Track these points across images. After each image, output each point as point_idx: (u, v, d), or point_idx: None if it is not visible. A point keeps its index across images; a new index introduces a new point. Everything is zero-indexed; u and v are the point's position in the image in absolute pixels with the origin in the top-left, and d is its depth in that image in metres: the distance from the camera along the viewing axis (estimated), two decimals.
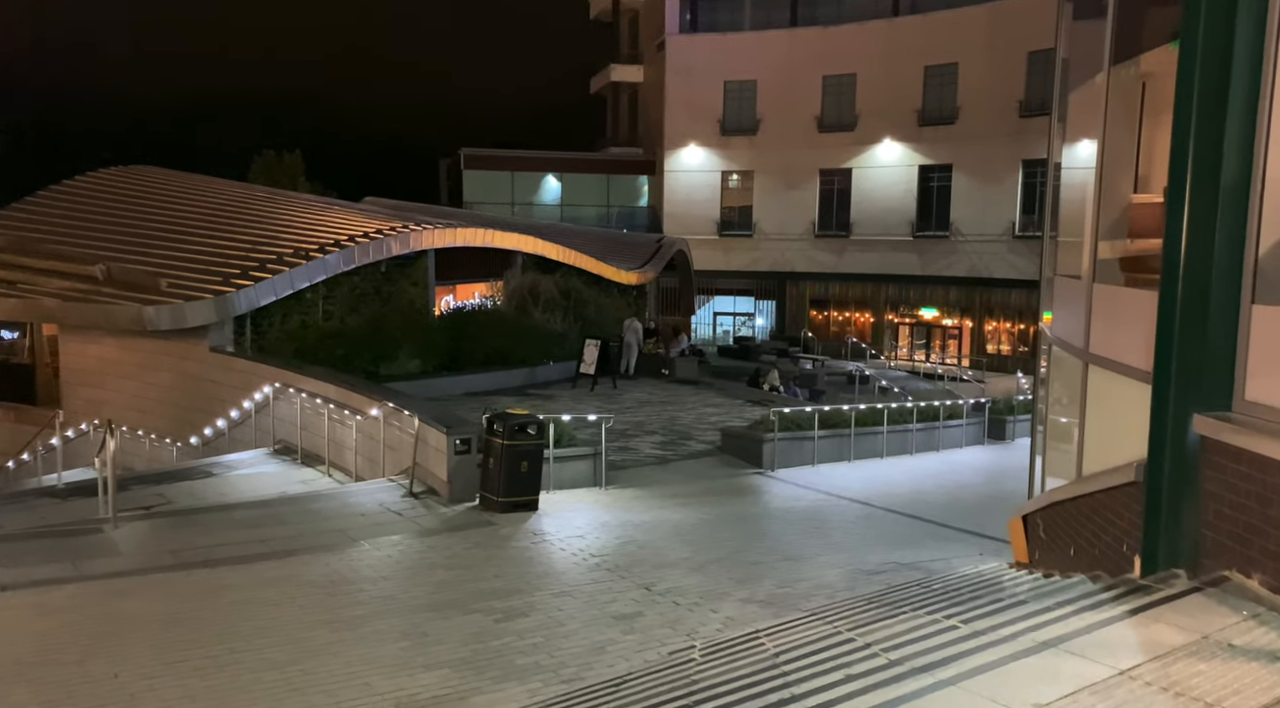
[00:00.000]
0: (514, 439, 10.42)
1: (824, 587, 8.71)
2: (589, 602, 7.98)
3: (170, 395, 18.73)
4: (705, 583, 8.64)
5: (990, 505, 13.41)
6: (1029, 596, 5.33)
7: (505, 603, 7.86)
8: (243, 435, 16.65)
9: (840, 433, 15.71)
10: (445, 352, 20.66)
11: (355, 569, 8.58)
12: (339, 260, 19.67)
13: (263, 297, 18.38)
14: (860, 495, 13.16)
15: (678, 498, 12.05)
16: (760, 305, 47.37)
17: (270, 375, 15.96)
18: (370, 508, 10.58)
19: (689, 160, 46.01)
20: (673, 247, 36.28)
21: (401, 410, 11.79)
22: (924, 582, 7.85)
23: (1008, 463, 17.78)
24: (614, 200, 48.54)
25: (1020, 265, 39.98)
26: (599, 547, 9.61)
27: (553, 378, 21.86)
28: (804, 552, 9.92)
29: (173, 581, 7.98)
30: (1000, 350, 41.41)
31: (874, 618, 6.21)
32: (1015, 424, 20.39)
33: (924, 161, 42.52)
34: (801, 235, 45.03)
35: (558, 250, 26.51)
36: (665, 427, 16.95)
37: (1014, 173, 40.10)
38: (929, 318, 43.64)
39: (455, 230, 22.91)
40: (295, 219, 22.18)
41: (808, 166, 44.49)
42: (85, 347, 19.86)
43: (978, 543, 10.91)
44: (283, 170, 45.11)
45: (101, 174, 25.21)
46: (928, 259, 42.59)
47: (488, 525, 10.15)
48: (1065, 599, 4.67)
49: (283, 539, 9.26)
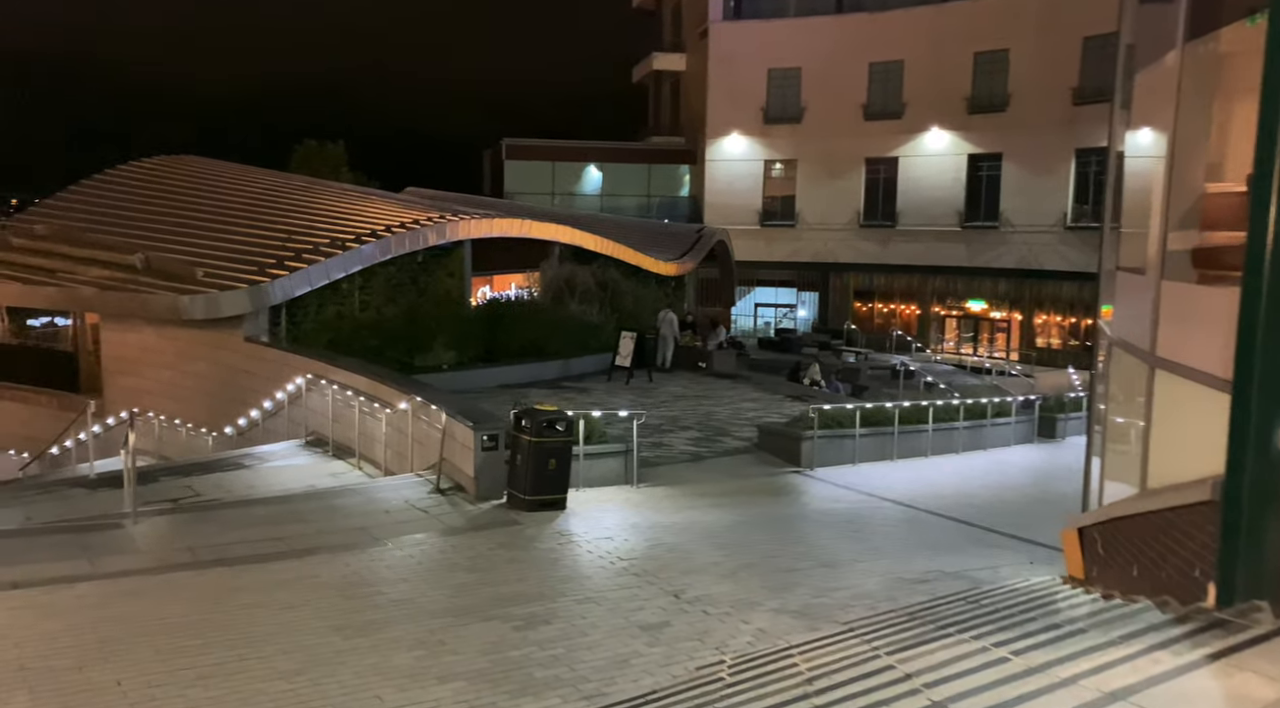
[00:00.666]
0: (542, 436, 10.09)
1: (863, 597, 8.26)
2: (614, 609, 7.62)
3: (206, 385, 18.73)
4: (736, 591, 8.24)
5: (1040, 509, 12.83)
6: (1089, 623, 4.86)
7: (526, 609, 7.53)
8: (276, 426, 16.56)
9: (883, 431, 15.18)
10: (480, 343, 20.44)
11: (374, 570, 8.31)
12: (375, 251, 19.51)
13: (297, 287, 18.27)
14: (903, 497, 12.65)
15: (711, 498, 11.65)
16: (802, 297, 46.63)
17: (302, 366, 15.83)
18: (395, 505, 10.33)
19: (731, 149, 45.36)
20: (713, 237, 35.76)
21: (429, 404, 11.52)
22: (971, 596, 7.37)
23: (1058, 463, 17.10)
24: (655, 190, 48.07)
25: (1072, 257, 38.83)
26: (627, 549, 9.25)
27: (588, 370, 21.54)
28: (842, 557, 9.48)
29: (186, 580, 7.78)
30: (1050, 344, 40.30)
31: (916, 639, 5.77)
32: (1067, 422, 19.67)
33: (973, 150, 41.44)
34: (845, 225, 44.19)
35: (595, 241, 26.16)
36: (700, 422, 16.54)
37: (1067, 162, 38.91)
38: (976, 310, 42.61)
39: (492, 221, 22.66)
40: (332, 209, 22.08)
41: (853, 155, 43.61)
42: (125, 335, 19.95)
43: (1027, 550, 10.37)
44: (324, 160, 45.22)
45: (143, 163, 25.37)
46: (976, 250, 41.56)
47: (513, 525, 9.84)
48: (1132, 632, 4.20)
49: (302, 537, 9.03)
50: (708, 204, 45.32)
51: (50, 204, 23.13)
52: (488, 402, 17.42)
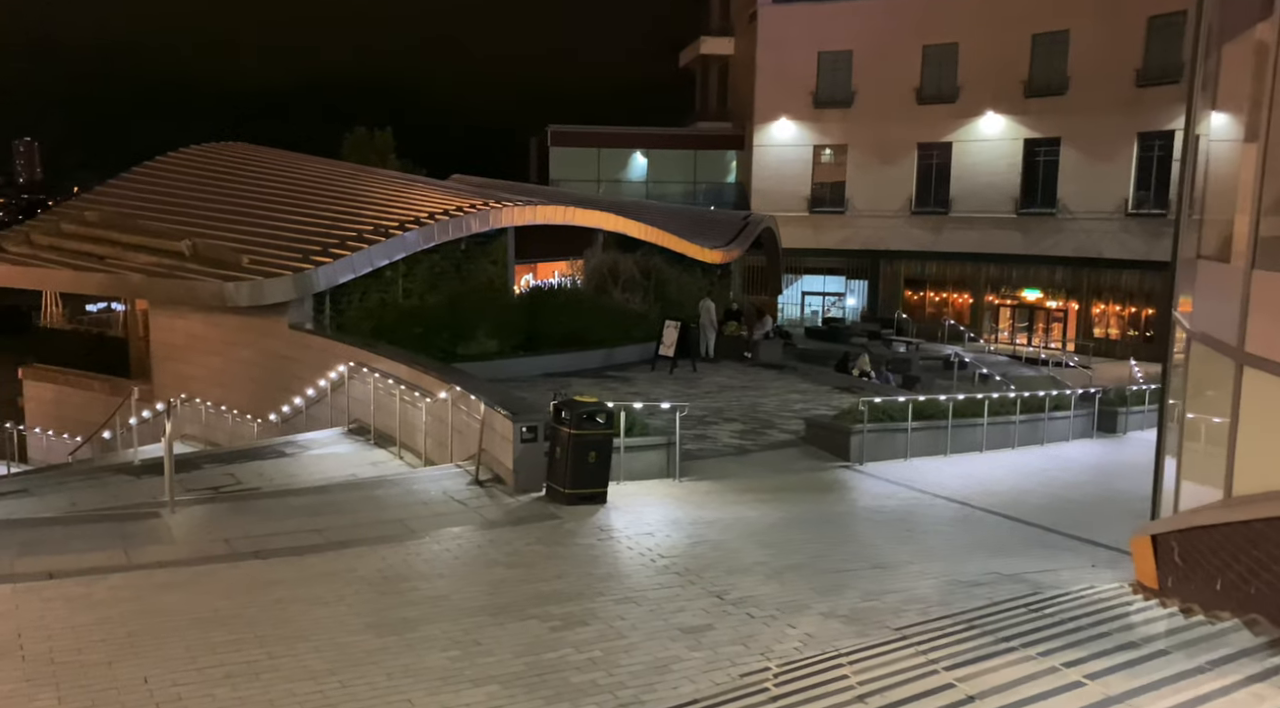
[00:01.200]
0: (582, 429, 9.83)
1: (916, 601, 7.88)
2: (654, 610, 7.34)
3: (252, 372, 18.81)
4: (782, 592, 7.91)
5: (1102, 508, 12.30)
6: (1169, 643, 4.46)
7: (564, 608, 7.28)
8: (319, 414, 16.55)
9: (936, 425, 14.68)
10: (523, 332, 20.26)
11: (410, 565, 8.13)
12: (418, 238, 19.41)
13: (341, 274, 18.23)
14: (957, 494, 12.18)
15: (755, 493, 11.31)
16: (851, 285, 45.82)
17: (345, 354, 15.77)
18: (433, 496, 10.15)
19: (779, 135, 44.64)
20: (760, 224, 35.20)
21: (468, 394, 11.33)
22: (1033, 604, 6.95)
23: (1119, 459, 16.47)
24: (701, 177, 47.54)
25: (1133, 245, 37.61)
26: (668, 547, 8.96)
27: (631, 360, 21.25)
28: (894, 558, 9.09)
29: (221, 573, 7.66)
30: (1109, 335, 39.13)
31: (976, 653, 5.40)
32: (1128, 416, 18.94)
33: (1030, 135, 40.28)
34: (897, 212, 43.29)
35: (639, 228, 25.83)
36: (745, 414, 16.17)
37: (1128, 146, 37.63)
38: (1032, 300, 41.52)
39: (535, 208, 22.44)
40: (377, 196, 22.04)
41: (905, 140, 42.64)
42: (174, 322, 20.14)
43: (1089, 552, 9.88)
44: (373, 148, 45.41)
45: (192, 150, 25.59)
46: (1032, 238, 40.44)
47: (552, 519, 9.61)
48: (1223, 658, 3.80)
49: (340, 530, 8.88)
50: (755, 191, 44.69)
51: (102, 191, 23.43)
52: (529, 391, 17.25)
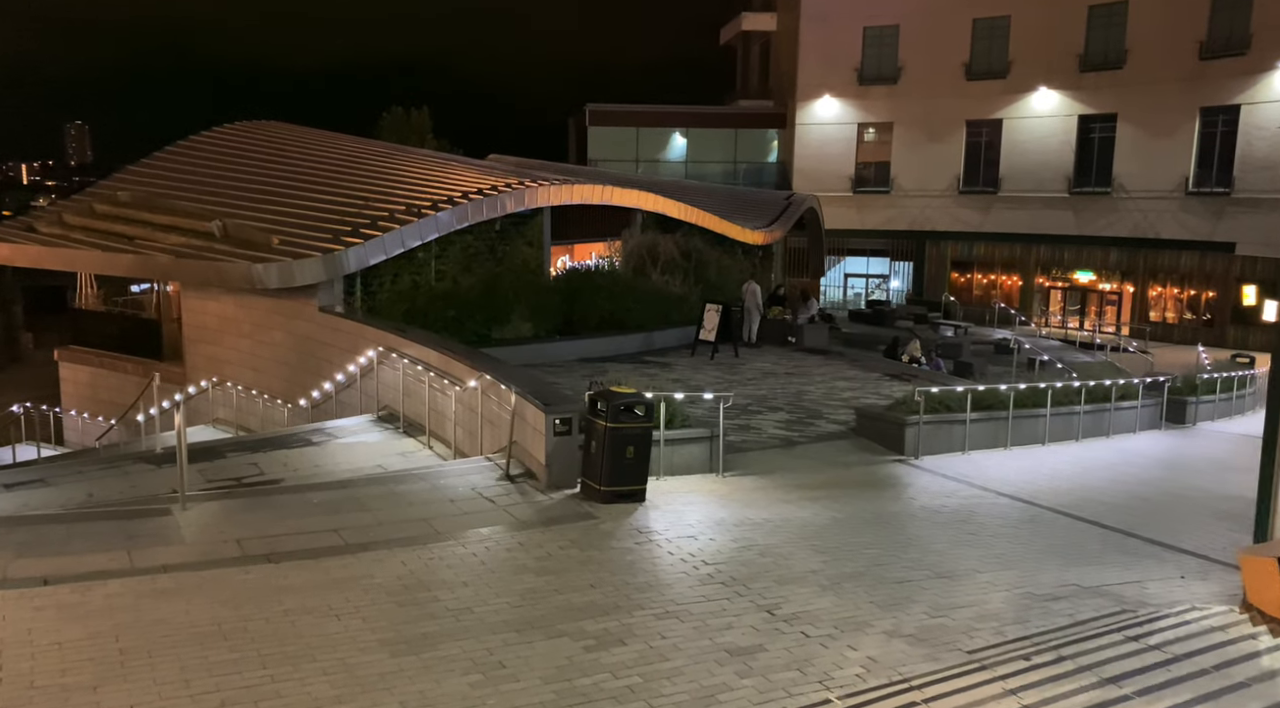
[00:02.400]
0: (619, 422, 9.13)
1: (988, 618, 7.10)
2: (699, 628, 6.64)
3: (282, 355, 18.38)
4: (840, 607, 7.17)
5: (1179, 508, 11.39)
6: None
7: (599, 624, 6.61)
8: (349, 399, 16.05)
9: (995, 416, 13.78)
10: (559, 315, 19.61)
11: (433, 571, 7.50)
12: (451, 218, 18.79)
13: (372, 255, 17.68)
14: (1021, 491, 11.33)
15: (805, 490, 10.54)
16: (896, 267, 44.66)
17: (375, 338, 15.22)
18: (461, 493, 9.53)
19: (822, 112, 43.48)
20: (803, 204, 34.18)
21: (499, 383, 10.67)
22: (1128, 627, 6.15)
23: (1192, 452, 15.47)
24: (741, 156, 46.53)
25: (1193, 225, 36.10)
26: (713, 551, 8.25)
27: (670, 344, 20.51)
28: (959, 566, 8.30)
29: (229, 579, 7.08)
30: (1165, 319, 37.65)
31: (1071, 692, 4.63)
32: (1198, 406, 17.88)
33: (1084, 111, 38.81)
34: (944, 192, 42.03)
35: (679, 208, 25.01)
36: (791, 403, 15.37)
37: (1190, 122, 36.05)
38: (1084, 282, 40.12)
39: (572, 187, 21.72)
40: (410, 175, 21.47)
41: (953, 117, 41.33)
42: (205, 303, 19.78)
43: (1174, 560, 9.00)
44: (410, 127, 45.05)
45: (225, 130, 25.21)
46: (1085, 218, 39.02)
47: (587, 519, 8.93)
48: None
49: (360, 530, 8.29)
50: (796, 170, 43.61)
51: (134, 170, 23.12)
52: (565, 377, 16.63)
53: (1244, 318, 34.96)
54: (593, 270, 22.64)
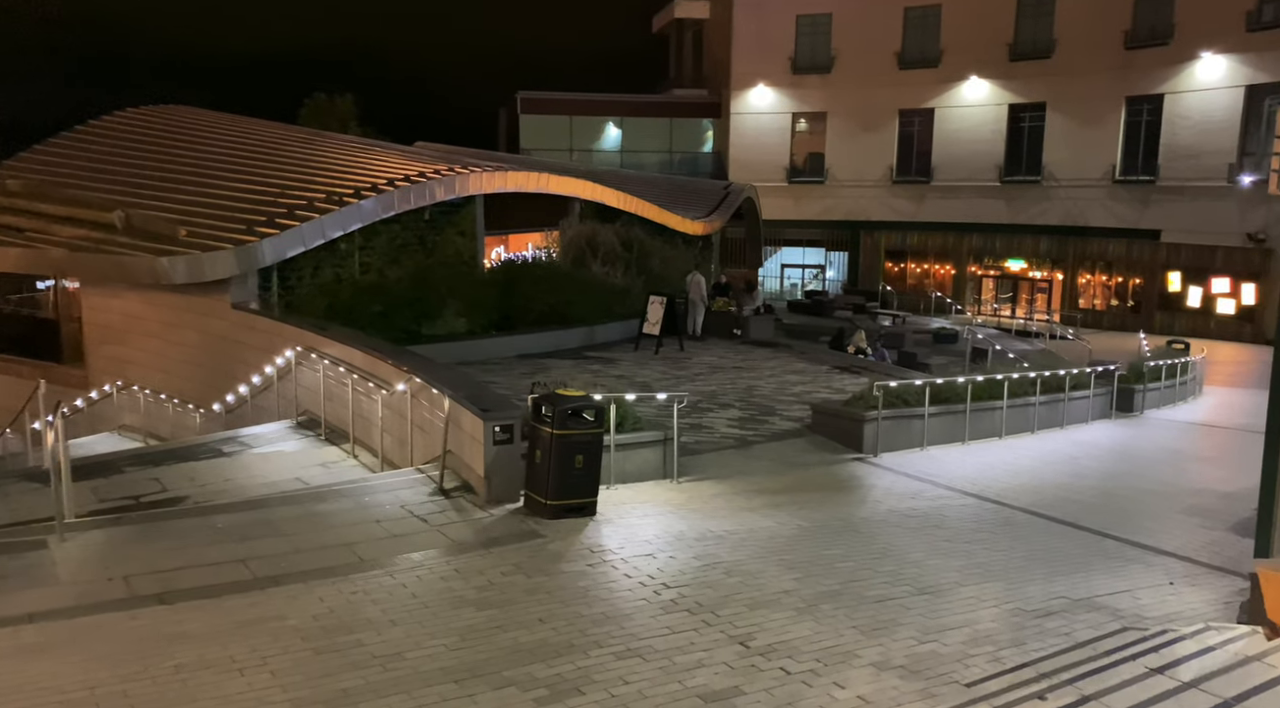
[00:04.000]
0: (567, 428, 8.25)
1: (982, 641, 6.42)
2: (666, 668, 5.81)
3: (194, 356, 17.02)
4: (820, 634, 6.42)
5: (1149, 504, 10.96)
6: None
7: (551, 669, 5.73)
8: (266, 404, 14.84)
9: (953, 409, 13.26)
10: (496, 309, 18.56)
11: (357, 608, 6.52)
12: (376, 207, 17.60)
13: (290, 247, 16.42)
14: (989, 491, 10.77)
15: (767, 496, 9.80)
16: (831, 257, 44.53)
17: (293, 337, 14.03)
18: (389, 511, 8.53)
19: (757, 102, 43.02)
20: (741, 194, 33.61)
21: (430, 386, 9.68)
22: (1143, 654, 5.51)
23: (1146, 443, 15.20)
24: (677, 146, 45.85)
25: (1121, 213, 36.58)
26: (674, 571, 7.43)
27: (613, 339, 19.63)
28: (941, 580, 7.63)
29: (111, 627, 6.01)
30: (1094, 306, 38.13)
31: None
32: (1145, 395, 17.70)
33: (1014, 100, 39.06)
34: (878, 182, 41.95)
35: (617, 197, 24.13)
36: (743, 399, 14.65)
37: (1116, 111, 36.51)
38: (1016, 270, 40.45)
39: (506, 174, 20.67)
40: (331, 161, 20.16)
41: (886, 107, 41.24)
42: (108, 301, 18.27)
43: (1159, 564, 8.49)
44: (333, 115, 43.14)
45: (129, 113, 23.47)
46: (1016, 206, 39.31)
47: (533, 538, 8.03)
48: None
49: (272, 559, 7.25)
50: (732, 160, 43.09)
51: (28, 157, 21.30)
52: (503, 376, 15.64)
53: (1170, 304, 35.55)
54: (530, 262, 21.61)
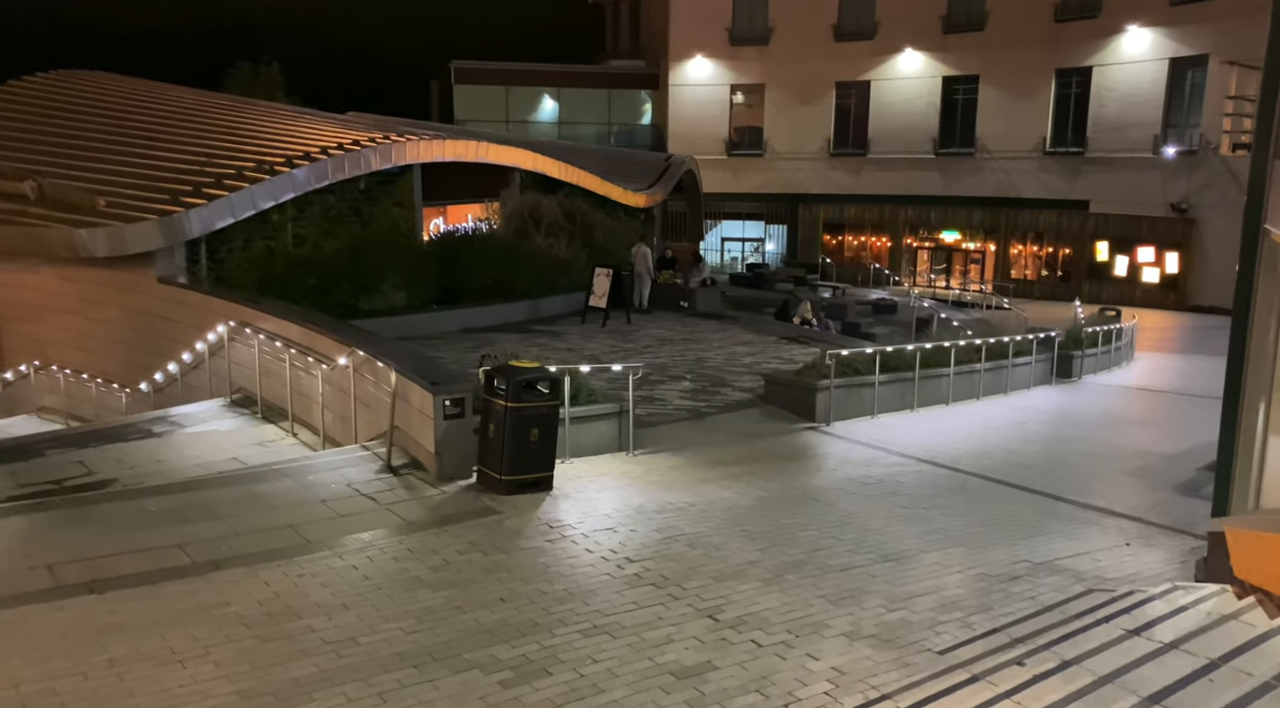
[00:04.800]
0: (521, 401, 7.95)
1: (951, 607, 6.36)
2: (635, 645, 5.61)
3: (118, 334, 16.21)
4: (788, 605, 6.28)
5: (1096, 467, 11.10)
6: None
7: (515, 649, 5.48)
8: (198, 382, 14.20)
9: (902, 377, 13.28)
10: (437, 282, 18.05)
11: (305, 592, 6.18)
12: (309, 176, 16.91)
13: (218, 218, 15.68)
14: (941, 457, 10.79)
15: (724, 467, 9.65)
16: (770, 230, 44.61)
17: (225, 311, 13.42)
18: (335, 490, 8.15)
19: (695, 73, 42.70)
20: (682, 166, 33.34)
21: (375, 360, 9.28)
22: (1116, 615, 5.47)
23: (1087, 407, 15.48)
24: (615, 118, 45.35)
25: (1052, 184, 37.28)
26: (636, 545, 7.22)
27: (559, 312, 19.27)
28: (904, 547, 7.56)
29: (36, 620, 5.58)
30: (1025, 276, 38.89)
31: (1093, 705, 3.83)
32: (1083, 360, 18.04)
33: (948, 72, 39.42)
34: (816, 154, 42.06)
35: (559, 167, 23.67)
36: (693, 370, 14.49)
37: (1047, 84, 37.10)
38: (950, 241, 41.04)
39: (444, 143, 20.07)
40: (260, 129, 19.32)
41: (823, 79, 41.28)
42: (22, 276, 17.26)
43: (1113, 525, 8.56)
44: (259, 85, 41.57)
45: (39, 79, 22.19)
46: (951, 178, 39.80)
47: (489, 514, 7.74)
48: None
49: (211, 543, 6.85)
50: (672, 132, 42.76)
51: None
52: (448, 350, 15.22)
53: (1098, 273, 36.41)
54: (472, 234, 21.07)
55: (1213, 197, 32.27)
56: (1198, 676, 4.02)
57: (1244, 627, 4.62)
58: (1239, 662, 4.10)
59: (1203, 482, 10.46)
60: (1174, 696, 3.87)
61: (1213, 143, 31.86)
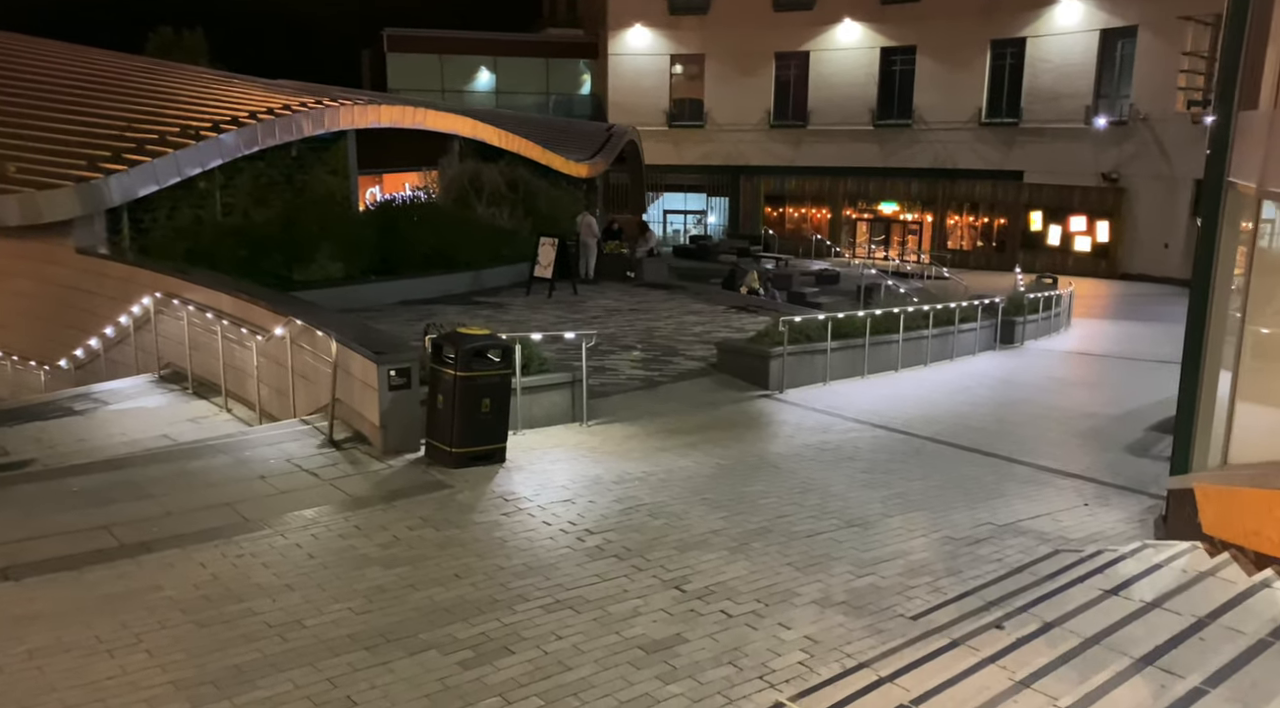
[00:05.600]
0: (472, 370, 7.60)
1: (919, 571, 6.24)
2: (600, 619, 5.36)
3: (34, 308, 15.35)
4: (756, 573, 6.09)
5: (1046, 429, 11.15)
6: None
7: (474, 628, 5.19)
8: (123, 357, 13.50)
9: (852, 344, 13.19)
10: (374, 252, 17.42)
11: (245, 573, 5.79)
12: (237, 141, 16.14)
13: (141, 185, 14.88)
14: (895, 422, 10.72)
15: (681, 436, 9.42)
16: (712, 202, 44.43)
17: (151, 283, 12.73)
18: (275, 466, 7.72)
19: (635, 43, 42.13)
20: (624, 136, 32.89)
21: (314, 330, 8.81)
22: (1089, 575, 5.39)
23: (1032, 372, 15.62)
24: (554, 87, 44.57)
25: (987, 155, 37.70)
26: (596, 517, 6.96)
27: (503, 283, 18.79)
28: (866, 512, 7.43)
29: None
30: (962, 246, 39.39)
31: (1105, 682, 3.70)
32: (1025, 326, 18.25)
33: (886, 43, 39.51)
34: (756, 126, 41.93)
35: (499, 135, 23.08)
36: (643, 340, 14.22)
37: (982, 55, 37.42)
38: (888, 213, 41.33)
39: (379, 108, 19.36)
40: (184, 93, 18.40)
41: (763, 50, 41.07)
42: None
43: (1069, 486, 8.56)
44: (181, 51, 39.89)
45: None
46: (889, 150, 40.01)
47: (439, 488, 7.40)
48: None
49: (141, 524, 6.40)
50: (611, 103, 42.19)
51: None
52: (387, 322, 14.68)
53: (1032, 243, 37.00)
54: (410, 203, 20.40)
55: (1142, 166, 33.00)
56: (1188, 635, 3.91)
57: (1223, 584, 4.54)
58: (1227, 619, 4.00)
59: (1151, 442, 10.59)
60: (1167, 656, 3.75)
61: (1142, 113, 32.59)
